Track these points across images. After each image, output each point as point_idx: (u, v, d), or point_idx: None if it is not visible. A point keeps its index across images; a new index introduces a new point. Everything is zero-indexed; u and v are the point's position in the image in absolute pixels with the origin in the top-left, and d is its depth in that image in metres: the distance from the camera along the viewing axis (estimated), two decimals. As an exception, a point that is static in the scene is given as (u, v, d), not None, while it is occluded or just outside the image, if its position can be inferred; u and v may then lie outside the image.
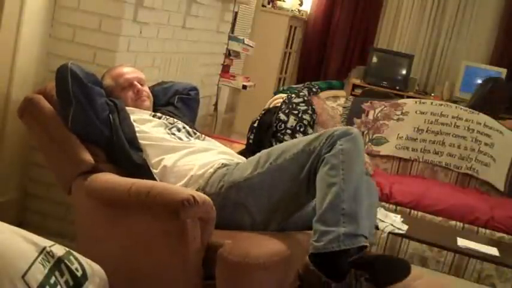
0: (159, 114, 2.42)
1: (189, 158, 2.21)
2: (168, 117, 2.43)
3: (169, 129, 2.35)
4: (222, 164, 2.17)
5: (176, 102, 2.62)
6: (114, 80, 2.43)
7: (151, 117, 2.38)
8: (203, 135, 2.44)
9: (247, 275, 1.78)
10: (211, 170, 2.14)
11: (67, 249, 1.53)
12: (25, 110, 2.24)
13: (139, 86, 2.44)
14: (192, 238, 1.83)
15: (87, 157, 2.15)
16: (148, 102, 2.46)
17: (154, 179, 2.17)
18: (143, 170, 2.19)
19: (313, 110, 3.41)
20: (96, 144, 2.21)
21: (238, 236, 1.94)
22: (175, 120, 2.43)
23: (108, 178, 2.06)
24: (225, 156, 2.28)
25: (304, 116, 3.35)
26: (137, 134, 2.26)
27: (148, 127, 2.32)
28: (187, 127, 2.42)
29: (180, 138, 2.32)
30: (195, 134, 2.41)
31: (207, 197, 1.87)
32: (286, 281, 1.94)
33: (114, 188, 1.97)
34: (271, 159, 2.03)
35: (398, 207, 3.25)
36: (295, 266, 1.94)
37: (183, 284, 1.91)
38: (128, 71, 2.47)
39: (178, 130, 2.37)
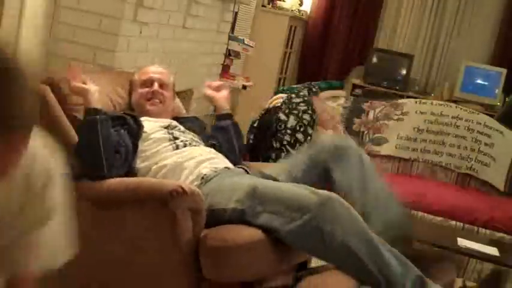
0: (174, 124, 2.35)
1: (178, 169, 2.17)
2: (181, 131, 2.34)
3: (173, 144, 2.26)
4: (204, 175, 2.13)
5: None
6: (140, 74, 2.44)
7: (162, 135, 2.27)
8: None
9: (228, 257, 1.85)
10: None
11: None
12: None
13: (156, 86, 2.38)
14: (183, 229, 1.86)
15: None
16: (159, 108, 2.39)
17: None
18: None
19: (313, 110, 3.41)
20: None
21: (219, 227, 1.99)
22: (187, 137, 2.33)
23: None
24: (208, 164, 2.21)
25: (304, 116, 3.35)
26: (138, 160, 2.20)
27: (153, 150, 2.23)
28: (196, 140, 2.35)
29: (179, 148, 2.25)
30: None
31: (196, 188, 1.89)
32: (282, 262, 2.02)
33: (104, 185, 1.98)
34: (265, 207, 1.93)
35: (398, 207, 3.25)
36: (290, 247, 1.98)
37: (178, 276, 1.94)
38: (154, 70, 2.45)
39: (184, 145, 2.27)
